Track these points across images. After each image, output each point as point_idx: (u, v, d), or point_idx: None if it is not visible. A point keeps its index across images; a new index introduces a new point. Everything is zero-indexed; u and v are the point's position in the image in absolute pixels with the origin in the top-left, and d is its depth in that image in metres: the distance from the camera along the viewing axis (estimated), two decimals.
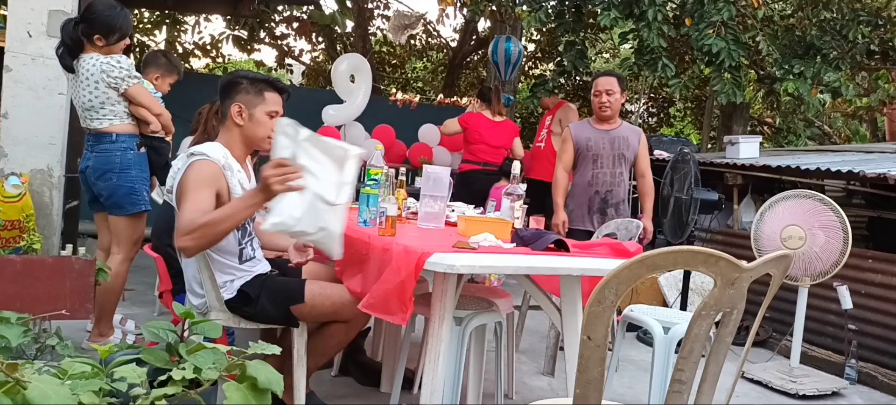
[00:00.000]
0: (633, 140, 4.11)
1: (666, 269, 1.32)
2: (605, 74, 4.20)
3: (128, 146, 3.30)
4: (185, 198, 2.21)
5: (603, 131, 4.09)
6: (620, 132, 4.10)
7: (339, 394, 3.11)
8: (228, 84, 2.44)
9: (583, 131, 4.15)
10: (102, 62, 3.22)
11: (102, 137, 3.30)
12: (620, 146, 4.06)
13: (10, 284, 2.66)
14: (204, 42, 12.57)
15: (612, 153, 4.06)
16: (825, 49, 6.65)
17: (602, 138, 4.08)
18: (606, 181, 4.06)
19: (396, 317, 2.14)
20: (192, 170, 2.26)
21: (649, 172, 4.20)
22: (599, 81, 4.10)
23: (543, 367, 3.77)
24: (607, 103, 4.03)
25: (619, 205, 4.09)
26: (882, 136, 10.56)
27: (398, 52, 14.04)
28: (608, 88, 4.03)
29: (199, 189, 2.23)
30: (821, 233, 3.82)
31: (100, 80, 3.22)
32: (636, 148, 4.11)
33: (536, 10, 6.64)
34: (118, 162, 3.27)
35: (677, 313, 3.18)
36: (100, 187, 3.33)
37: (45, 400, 1.18)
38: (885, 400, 3.90)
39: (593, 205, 4.09)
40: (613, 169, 4.06)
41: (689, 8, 6.33)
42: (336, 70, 7.05)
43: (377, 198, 2.75)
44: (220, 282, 2.39)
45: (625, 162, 4.09)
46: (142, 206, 3.35)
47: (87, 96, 3.26)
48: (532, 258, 2.38)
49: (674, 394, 1.44)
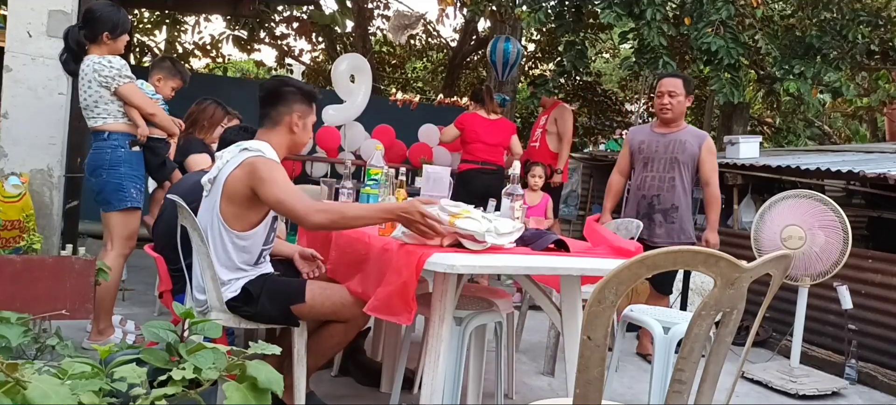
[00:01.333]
0: (692, 145, 3.87)
1: (666, 269, 1.32)
2: (670, 76, 4.01)
3: (119, 144, 3.37)
4: (278, 186, 2.27)
5: (659, 134, 3.93)
6: (678, 136, 3.89)
7: (339, 394, 3.11)
8: (280, 91, 2.50)
9: (639, 134, 4.01)
10: (95, 62, 3.30)
11: (97, 135, 3.39)
12: (675, 150, 3.87)
13: (11, 284, 2.66)
14: (204, 42, 12.58)
15: (665, 157, 3.88)
16: (825, 49, 6.65)
17: (657, 141, 3.92)
18: (654, 185, 3.89)
19: (401, 318, 2.14)
20: (267, 164, 2.30)
21: (714, 180, 3.93)
22: (663, 82, 3.93)
23: (543, 367, 3.78)
24: (669, 105, 3.86)
25: (668, 211, 3.88)
26: (882, 136, 10.56)
27: (398, 52, 14.05)
28: (671, 89, 3.87)
29: (288, 180, 2.34)
30: (821, 234, 3.82)
31: (92, 80, 3.30)
32: (697, 153, 3.87)
33: (536, 10, 6.65)
34: (108, 158, 3.35)
35: (677, 313, 3.18)
36: (91, 183, 3.42)
37: (45, 400, 1.18)
38: (885, 400, 3.90)
39: (641, 210, 3.93)
40: (664, 173, 3.88)
41: (689, 7, 6.33)
42: (336, 70, 7.05)
43: (377, 198, 2.75)
44: (226, 278, 2.41)
45: (679, 166, 3.86)
46: (129, 203, 3.39)
47: (83, 96, 3.36)
48: (532, 258, 2.38)
49: (674, 394, 1.44)
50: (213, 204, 2.40)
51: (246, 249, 2.43)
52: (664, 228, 3.90)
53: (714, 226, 3.95)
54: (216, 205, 2.38)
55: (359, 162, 5.92)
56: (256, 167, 2.31)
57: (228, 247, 2.40)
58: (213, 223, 2.40)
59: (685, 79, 3.98)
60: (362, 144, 6.85)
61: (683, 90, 3.89)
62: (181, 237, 2.52)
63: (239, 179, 2.33)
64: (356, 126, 6.87)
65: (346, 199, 3.32)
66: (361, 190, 2.84)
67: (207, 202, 2.45)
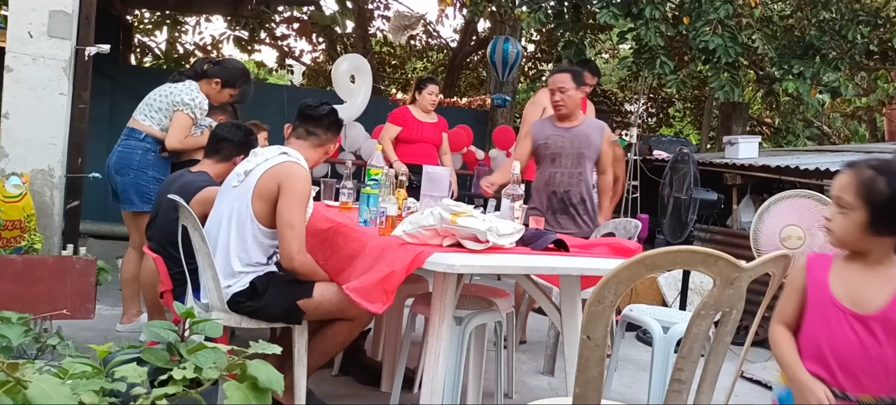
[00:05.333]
0: (596, 138, 3.89)
1: (665, 269, 1.33)
2: (558, 71, 4.00)
3: (151, 148, 3.57)
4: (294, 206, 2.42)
5: (563, 129, 3.89)
6: (582, 131, 3.88)
7: (339, 394, 3.11)
8: (334, 119, 2.77)
9: (544, 129, 3.95)
10: (192, 88, 3.61)
11: (133, 133, 3.58)
12: (580, 145, 3.86)
13: (12, 284, 2.67)
14: (204, 42, 12.58)
15: (572, 153, 3.87)
16: (824, 49, 6.65)
17: (562, 137, 3.88)
18: (564, 181, 3.87)
19: (375, 306, 2.14)
20: (303, 180, 2.47)
21: (610, 171, 4.01)
22: (553, 80, 3.92)
23: (543, 367, 3.78)
24: (561, 101, 3.83)
25: (578, 205, 3.89)
26: (881, 136, 10.56)
27: (398, 52, 14.05)
28: (561, 86, 3.83)
29: (304, 208, 2.50)
30: (820, 234, 3.82)
31: (174, 93, 3.57)
32: (599, 145, 3.90)
33: (536, 10, 6.65)
34: (137, 159, 3.53)
35: (677, 313, 3.18)
36: (115, 180, 3.56)
37: (46, 399, 1.19)
38: None
39: (553, 206, 3.92)
40: (573, 169, 3.87)
41: (687, 7, 6.34)
42: (336, 70, 7.06)
43: (377, 198, 2.76)
44: (235, 269, 2.44)
45: (586, 160, 3.87)
46: (150, 207, 3.44)
47: (156, 94, 3.63)
48: (532, 258, 2.38)
49: (673, 393, 1.45)
50: (243, 194, 2.47)
51: (265, 246, 2.50)
52: (576, 221, 3.88)
53: (607, 213, 4.02)
54: (248, 197, 2.45)
55: (359, 162, 5.92)
56: (293, 174, 2.45)
57: (249, 240, 2.46)
58: (243, 213, 2.45)
59: (573, 72, 3.94)
60: (362, 144, 6.87)
61: (573, 84, 3.84)
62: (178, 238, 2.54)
63: (273, 177, 2.44)
64: (356, 126, 6.88)
65: (346, 200, 3.33)
66: (362, 190, 2.84)
67: (236, 192, 2.50)
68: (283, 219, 2.41)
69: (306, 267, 2.46)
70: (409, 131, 5.11)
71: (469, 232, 2.26)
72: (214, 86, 3.72)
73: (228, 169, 3.00)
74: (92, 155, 4.37)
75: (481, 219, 2.31)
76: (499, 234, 2.31)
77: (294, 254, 2.41)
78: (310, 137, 2.70)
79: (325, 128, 2.72)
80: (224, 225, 2.48)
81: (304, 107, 2.74)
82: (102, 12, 4.75)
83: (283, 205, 2.41)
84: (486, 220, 2.32)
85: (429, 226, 2.30)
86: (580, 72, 4.03)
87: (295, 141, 2.70)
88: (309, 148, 2.68)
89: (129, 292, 3.67)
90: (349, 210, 3.21)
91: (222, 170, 3.03)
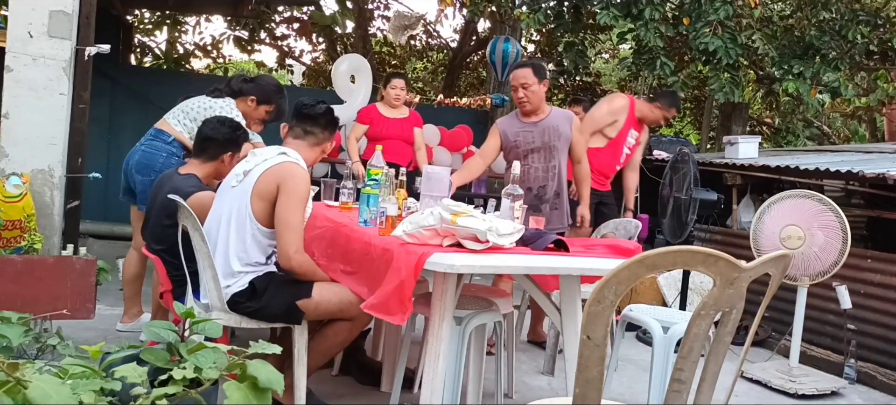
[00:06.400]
0: (564, 128, 3.83)
1: (665, 269, 1.33)
2: (518, 67, 3.93)
3: (176, 152, 3.58)
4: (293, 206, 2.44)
5: (531, 124, 3.82)
6: (550, 122, 3.81)
7: (339, 394, 3.12)
8: (331, 118, 2.77)
9: (511, 126, 3.88)
10: (230, 103, 3.65)
11: (160, 135, 3.59)
12: (551, 137, 3.79)
13: (12, 284, 2.67)
14: (204, 42, 12.58)
15: (543, 147, 3.80)
16: (824, 49, 6.65)
17: (530, 132, 3.81)
18: (539, 176, 3.81)
19: (396, 318, 2.15)
20: (302, 180, 2.48)
21: (585, 159, 3.98)
22: (514, 76, 3.84)
23: (543, 367, 3.78)
24: (524, 97, 3.77)
25: (553, 199, 3.83)
26: (881, 136, 10.56)
27: (398, 52, 14.05)
28: (523, 82, 3.76)
29: (303, 209, 2.50)
30: (820, 234, 3.83)
31: (213, 108, 3.59)
32: (569, 135, 3.84)
33: (535, 11, 6.65)
34: (162, 162, 3.52)
35: (676, 313, 3.19)
36: (137, 180, 3.55)
37: (46, 399, 1.19)
38: (884, 400, 3.90)
39: (528, 201, 3.76)
40: (546, 163, 3.81)
41: (687, 7, 6.34)
42: (336, 70, 7.05)
43: (377, 198, 2.76)
44: (235, 269, 2.45)
45: (557, 152, 3.81)
46: None
47: (194, 102, 3.65)
48: (532, 258, 2.38)
49: (673, 393, 1.45)
50: (242, 194, 2.47)
51: (264, 246, 2.50)
52: (553, 214, 3.82)
53: (586, 201, 3.99)
54: (247, 197, 2.45)
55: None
56: (292, 174, 2.46)
57: (248, 240, 2.46)
58: (242, 213, 2.46)
59: (534, 66, 3.88)
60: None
61: (535, 78, 3.77)
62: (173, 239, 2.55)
63: (272, 177, 2.44)
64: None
65: (346, 200, 3.34)
66: (361, 190, 2.85)
67: (235, 192, 2.51)
68: (282, 219, 2.42)
69: (304, 267, 2.46)
70: (376, 128, 5.03)
71: (469, 232, 2.26)
72: (250, 103, 3.73)
73: (217, 168, 3.00)
74: (92, 155, 4.37)
75: (481, 219, 2.31)
76: (499, 234, 2.32)
77: (292, 253, 2.41)
78: (307, 137, 2.70)
79: (321, 127, 2.72)
80: (223, 225, 2.48)
81: (300, 106, 2.74)
82: (102, 12, 4.74)
83: (282, 205, 2.42)
84: (486, 220, 2.32)
85: (429, 226, 2.30)
86: (541, 65, 4.00)
87: (292, 140, 2.70)
88: (306, 147, 2.69)
89: (130, 292, 3.67)
90: (349, 210, 3.21)
91: (210, 170, 3.02)
